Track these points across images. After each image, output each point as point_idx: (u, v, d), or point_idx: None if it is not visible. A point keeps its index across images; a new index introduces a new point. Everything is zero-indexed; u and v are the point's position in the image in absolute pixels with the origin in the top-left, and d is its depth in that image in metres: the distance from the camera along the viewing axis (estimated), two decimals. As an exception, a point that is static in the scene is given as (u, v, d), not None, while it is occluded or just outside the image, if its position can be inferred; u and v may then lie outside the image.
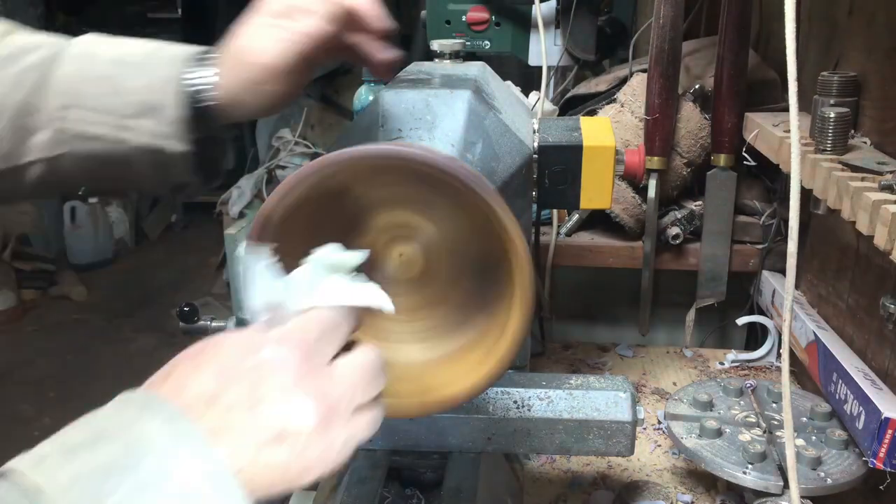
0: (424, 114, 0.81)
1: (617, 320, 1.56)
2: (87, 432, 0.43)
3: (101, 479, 0.40)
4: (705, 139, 1.35)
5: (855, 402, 0.98)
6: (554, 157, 0.92)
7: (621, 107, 1.38)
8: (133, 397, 0.47)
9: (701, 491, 1.07)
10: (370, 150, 0.61)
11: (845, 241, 1.14)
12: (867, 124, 1.04)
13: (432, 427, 0.88)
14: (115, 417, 0.45)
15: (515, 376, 0.91)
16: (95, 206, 4.79)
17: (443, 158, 0.60)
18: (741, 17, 1.26)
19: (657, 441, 1.18)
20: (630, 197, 1.37)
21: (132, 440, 0.43)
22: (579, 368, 1.40)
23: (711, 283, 1.40)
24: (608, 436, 0.87)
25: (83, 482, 0.40)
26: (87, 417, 0.45)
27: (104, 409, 0.46)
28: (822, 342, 1.11)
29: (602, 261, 1.42)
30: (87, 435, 0.43)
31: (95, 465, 0.41)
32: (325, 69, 3.68)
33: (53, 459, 0.41)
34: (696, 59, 1.46)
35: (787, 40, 0.73)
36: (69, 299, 4.34)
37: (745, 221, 1.39)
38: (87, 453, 0.42)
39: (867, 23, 1.05)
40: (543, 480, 1.10)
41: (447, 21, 1.63)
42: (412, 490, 0.92)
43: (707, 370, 1.38)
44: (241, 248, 0.83)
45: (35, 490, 0.39)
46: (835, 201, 0.91)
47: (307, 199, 0.64)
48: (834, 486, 0.94)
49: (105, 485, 0.40)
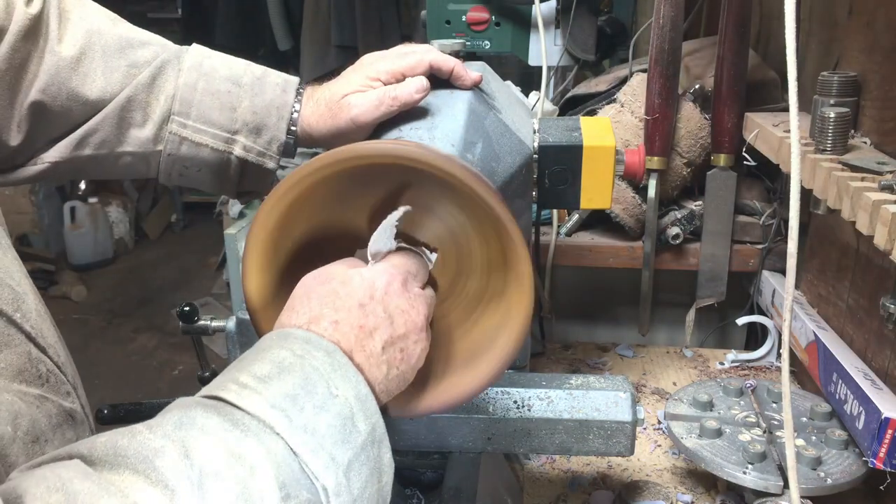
0: (424, 113, 0.81)
1: (617, 320, 1.56)
2: (271, 365, 0.53)
3: (291, 403, 0.51)
4: (705, 139, 1.35)
5: (855, 402, 0.98)
6: (554, 157, 0.92)
7: (621, 107, 1.38)
8: (294, 333, 0.56)
9: (701, 491, 1.07)
10: (370, 148, 0.61)
11: (845, 241, 1.14)
12: (867, 124, 1.04)
13: (432, 427, 0.88)
14: (286, 350, 0.54)
15: (515, 376, 0.91)
16: (95, 206, 4.79)
17: (442, 156, 0.60)
18: (741, 17, 1.26)
19: (657, 441, 1.18)
20: (630, 197, 1.37)
21: (308, 371, 0.53)
22: (579, 368, 1.40)
23: (711, 283, 1.40)
24: (608, 436, 0.87)
25: (279, 406, 0.50)
26: (264, 351, 0.55)
27: (272, 340, 0.56)
28: (822, 342, 1.11)
29: (602, 261, 1.42)
30: (272, 367, 0.53)
31: (285, 392, 0.51)
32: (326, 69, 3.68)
33: (253, 387, 0.51)
34: (696, 59, 1.46)
35: (787, 40, 0.73)
36: (69, 299, 4.34)
37: (745, 221, 1.39)
38: (277, 382, 0.51)
39: (867, 23, 1.05)
40: (543, 480, 1.10)
41: (447, 21, 1.64)
42: (412, 490, 0.92)
43: (707, 370, 1.38)
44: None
45: (246, 414, 0.49)
46: (835, 201, 0.91)
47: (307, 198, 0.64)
48: (834, 486, 0.94)
49: (294, 407, 0.50)
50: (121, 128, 0.84)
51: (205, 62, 0.86)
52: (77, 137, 0.83)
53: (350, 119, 0.81)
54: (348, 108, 0.81)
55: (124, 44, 0.85)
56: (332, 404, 0.52)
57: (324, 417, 0.51)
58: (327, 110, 0.84)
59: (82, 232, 4.75)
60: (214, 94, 0.85)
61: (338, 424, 0.52)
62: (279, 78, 0.88)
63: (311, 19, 3.84)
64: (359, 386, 0.55)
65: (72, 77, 0.81)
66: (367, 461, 0.53)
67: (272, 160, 0.87)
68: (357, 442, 0.52)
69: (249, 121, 0.85)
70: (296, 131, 0.87)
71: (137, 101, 0.84)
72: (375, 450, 0.54)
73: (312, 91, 0.87)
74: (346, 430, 0.52)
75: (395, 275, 0.62)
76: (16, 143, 0.82)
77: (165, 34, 0.90)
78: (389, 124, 0.82)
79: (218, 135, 0.85)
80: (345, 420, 0.52)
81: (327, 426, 0.51)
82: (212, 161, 0.87)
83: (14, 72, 0.79)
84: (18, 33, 0.78)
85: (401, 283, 0.62)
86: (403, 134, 0.79)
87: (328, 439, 0.51)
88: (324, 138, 0.85)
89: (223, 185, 0.89)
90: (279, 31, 4.04)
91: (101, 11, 0.87)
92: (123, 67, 0.84)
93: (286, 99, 0.86)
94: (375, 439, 0.54)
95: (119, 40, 0.84)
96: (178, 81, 0.84)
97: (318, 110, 0.85)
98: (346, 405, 0.53)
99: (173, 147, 0.85)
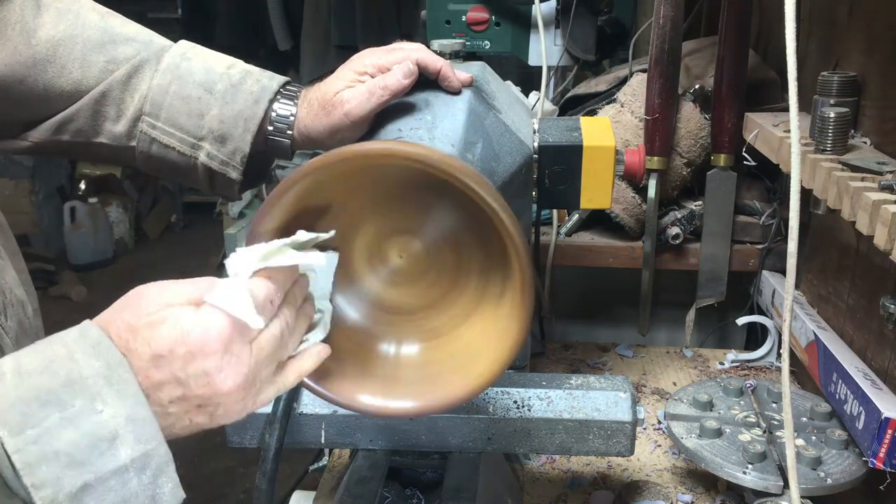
0: (424, 114, 0.81)
1: (617, 320, 1.56)
2: (41, 359, 0.50)
3: (38, 406, 0.48)
4: (705, 139, 1.35)
5: (855, 402, 0.98)
6: (554, 157, 0.92)
7: (621, 107, 1.38)
8: (90, 332, 0.53)
9: (701, 491, 1.07)
10: (370, 147, 0.61)
11: (845, 241, 1.14)
12: (867, 124, 1.04)
13: (432, 427, 0.88)
14: (69, 347, 0.51)
15: (515, 376, 0.91)
16: (95, 205, 4.79)
17: (442, 156, 0.60)
18: (741, 17, 1.26)
19: (657, 441, 1.18)
20: (630, 197, 1.37)
21: (74, 377, 0.49)
22: (579, 368, 1.40)
23: (711, 283, 1.40)
24: (608, 436, 0.87)
25: (23, 405, 0.47)
26: (51, 340, 0.51)
27: (68, 333, 0.52)
28: (822, 342, 1.11)
29: (602, 261, 1.42)
30: (40, 362, 0.50)
31: (37, 392, 0.48)
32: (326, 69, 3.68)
33: (8, 379, 0.48)
34: (696, 59, 1.46)
35: (787, 40, 0.73)
36: (69, 299, 4.34)
37: (745, 221, 1.39)
38: (33, 380, 0.48)
39: (867, 23, 1.05)
40: (543, 480, 1.10)
41: (447, 21, 1.63)
42: (412, 490, 0.92)
43: (707, 370, 1.38)
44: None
45: None
46: (835, 201, 0.91)
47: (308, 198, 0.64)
48: (834, 486, 0.94)
49: (39, 412, 0.48)
50: (96, 120, 0.85)
51: (182, 64, 0.86)
52: (55, 123, 0.85)
53: (343, 114, 0.81)
54: (341, 104, 0.81)
55: (107, 38, 0.85)
56: (85, 420, 0.49)
57: (68, 433, 0.48)
58: (321, 109, 0.84)
59: (82, 232, 4.74)
60: (185, 99, 0.85)
61: (84, 444, 0.48)
62: (256, 86, 0.86)
63: (311, 19, 3.84)
64: (137, 408, 0.51)
65: (47, 68, 0.82)
66: (122, 489, 0.49)
67: (235, 170, 0.87)
68: (105, 467, 0.49)
69: (215, 129, 0.85)
70: (293, 135, 0.86)
71: (112, 96, 0.84)
72: (144, 478, 0.51)
73: (306, 93, 0.87)
74: (93, 451, 0.49)
75: (222, 328, 0.54)
76: None
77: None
78: (389, 125, 0.82)
79: (185, 139, 0.85)
80: (97, 441, 0.49)
81: (67, 443, 0.48)
82: (179, 164, 0.87)
83: None
84: None
85: (221, 339, 0.54)
86: (403, 134, 0.79)
87: (62, 458, 0.47)
88: (321, 137, 0.85)
89: (196, 184, 0.90)
90: (279, 31, 4.04)
91: (89, 4, 0.87)
92: (102, 62, 0.84)
93: (255, 111, 0.85)
94: (146, 467, 0.51)
95: (102, 34, 0.85)
96: (152, 82, 0.85)
97: (313, 110, 0.85)
98: (108, 425, 0.49)
99: (144, 145, 0.86)
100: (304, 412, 0.88)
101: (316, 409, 0.88)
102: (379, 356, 0.73)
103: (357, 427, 0.89)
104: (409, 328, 0.73)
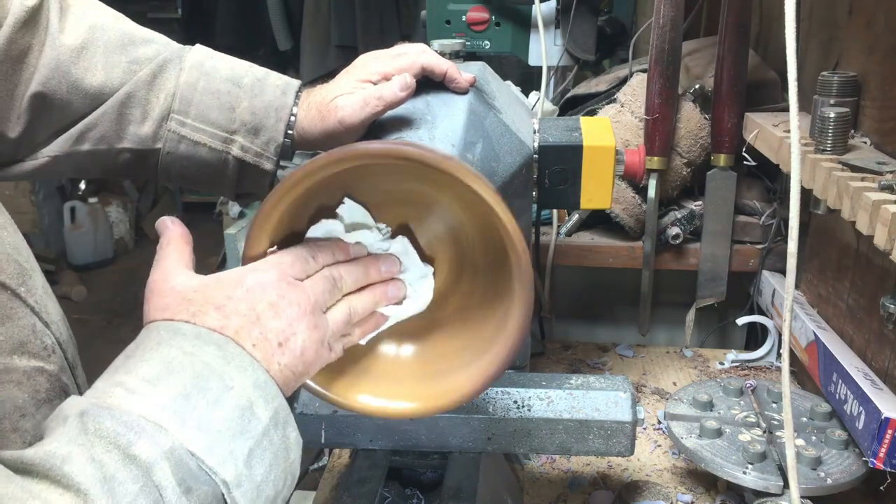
0: (424, 114, 0.81)
1: (617, 320, 1.56)
2: (159, 366, 0.53)
3: (183, 402, 0.51)
4: (705, 139, 1.35)
5: (855, 402, 0.98)
6: (554, 157, 0.92)
7: (621, 107, 1.38)
8: (183, 329, 0.56)
9: (701, 491, 1.07)
10: (370, 147, 0.61)
11: (845, 241, 1.14)
12: (867, 124, 1.04)
13: (432, 427, 0.88)
14: (175, 348, 0.54)
15: (515, 376, 0.91)
16: (95, 205, 4.79)
17: (442, 156, 0.60)
18: (741, 17, 1.26)
19: (657, 441, 1.18)
20: (630, 197, 1.37)
21: (199, 368, 0.53)
22: (579, 368, 1.40)
23: (711, 283, 1.40)
24: (608, 436, 0.87)
25: (171, 403, 0.51)
26: (151, 350, 0.54)
27: (160, 336, 0.55)
28: (822, 342, 1.11)
29: (602, 261, 1.42)
30: (160, 368, 0.53)
31: (177, 392, 0.51)
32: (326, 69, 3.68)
33: (142, 389, 0.51)
34: (696, 59, 1.46)
35: (787, 40, 0.73)
36: (69, 299, 4.34)
37: (745, 221, 1.39)
38: (166, 384, 0.52)
39: (867, 23, 1.05)
40: (543, 480, 1.10)
41: (447, 21, 1.64)
42: (412, 490, 0.92)
43: (707, 370, 1.38)
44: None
45: (138, 417, 0.49)
46: (835, 201, 0.91)
47: (308, 198, 0.64)
48: (834, 486, 0.94)
49: (187, 405, 0.51)
50: (120, 124, 0.85)
51: (206, 62, 0.87)
52: (77, 132, 0.84)
53: (338, 121, 0.82)
54: (335, 111, 0.82)
55: (126, 40, 0.85)
56: (227, 398, 0.53)
57: (219, 412, 0.52)
58: (318, 113, 0.84)
59: (82, 232, 4.74)
60: (214, 94, 0.85)
61: (235, 417, 0.53)
62: (280, 80, 0.88)
63: (311, 19, 3.84)
64: (256, 373, 0.56)
65: (72, 69, 0.82)
66: (271, 445, 0.54)
67: (269, 161, 0.87)
68: (257, 430, 0.54)
69: (248, 121, 0.86)
70: (292, 135, 0.87)
71: (137, 97, 0.84)
72: (280, 432, 0.56)
73: (307, 94, 0.88)
74: (244, 420, 0.53)
75: (270, 272, 0.61)
76: (14, 134, 0.82)
77: (165, 34, 0.91)
78: (389, 125, 0.82)
79: (216, 134, 0.86)
80: (242, 411, 0.53)
81: (223, 420, 0.52)
82: (210, 160, 0.87)
83: (12, 63, 0.79)
84: (15, 25, 0.78)
85: (273, 278, 0.60)
86: (403, 134, 0.79)
87: (225, 434, 0.52)
88: (317, 141, 0.86)
89: (221, 185, 0.90)
90: (279, 31, 4.04)
91: (104, 8, 0.88)
92: (124, 63, 0.84)
93: (285, 101, 0.86)
94: (279, 422, 0.56)
95: (122, 36, 0.85)
96: (179, 80, 0.85)
97: (311, 113, 0.85)
98: (243, 396, 0.54)
99: (172, 145, 0.86)
100: (304, 412, 0.88)
101: (316, 409, 0.88)
102: (379, 356, 0.73)
103: (357, 427, 0.89)
104: (409, 328, 0.73)
